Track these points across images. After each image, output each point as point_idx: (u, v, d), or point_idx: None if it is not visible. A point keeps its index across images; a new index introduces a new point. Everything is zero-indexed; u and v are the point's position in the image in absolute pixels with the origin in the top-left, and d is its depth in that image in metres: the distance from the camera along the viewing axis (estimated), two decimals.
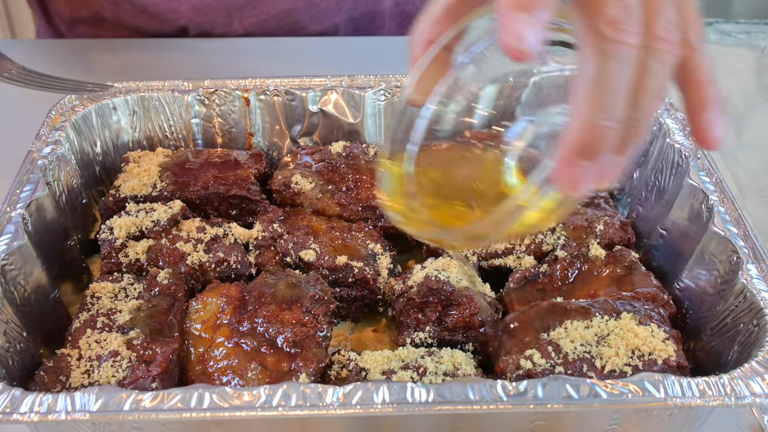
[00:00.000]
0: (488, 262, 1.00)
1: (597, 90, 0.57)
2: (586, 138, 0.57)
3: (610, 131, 0.57)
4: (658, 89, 0.59)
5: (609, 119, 0.56)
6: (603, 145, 0.57)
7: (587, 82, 0.57)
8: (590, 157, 0.57)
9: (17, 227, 0.88)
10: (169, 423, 0.72)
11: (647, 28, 0.58)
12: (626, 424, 0.76)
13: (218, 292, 0.90)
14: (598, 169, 0.58)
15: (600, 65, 0.56)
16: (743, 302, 0.82)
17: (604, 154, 0.57)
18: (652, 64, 0.58)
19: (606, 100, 0.57)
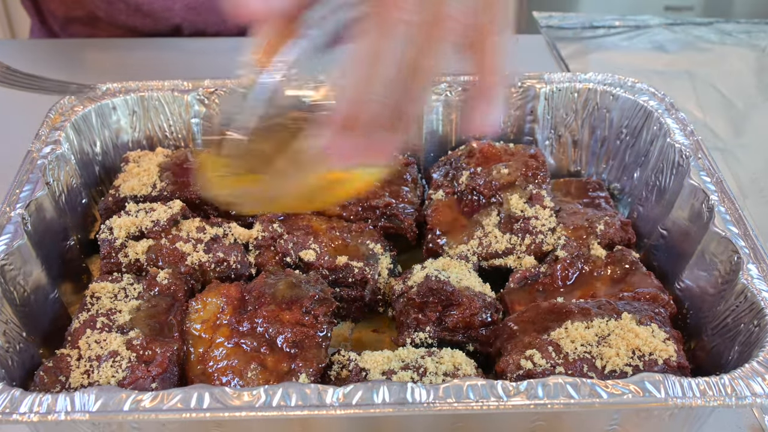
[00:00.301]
0: (488, 262, 1.00)
1: (366, 64, 0.57)
2: (352, 111, 0.57)
3: (376, 105, 0.57)
4: (432, 69, 0.60)
5: (376, 94, 0.57)
6: (369, 118, 0.57)
7: (358, 55, 0.57)
8: (357, 130, 0.58)
9: (17, 227, 0.88)
10: (169, 423, 0.72)
11: (435, 6, 0.58)
12: (627, 425, 0.76)
13: (218, 292, 0.90)
14: (369, 144, 0.59)
15: (373, 40, 0.57)
16: (744, 302, 0.82)
17: (374, 128, 0.58)
18: (429, 45, 0.58)
19: (374, 74, 0.57)
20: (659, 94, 1.12)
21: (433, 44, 0.59)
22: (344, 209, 1.06)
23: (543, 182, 1.06)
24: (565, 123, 1.17)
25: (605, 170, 1.17)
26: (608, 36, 1.67)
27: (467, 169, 1.08)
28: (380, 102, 0.58)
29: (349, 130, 0.59)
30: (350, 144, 0.59)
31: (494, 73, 0.65)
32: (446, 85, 1.15)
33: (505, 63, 0.65)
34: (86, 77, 1.15)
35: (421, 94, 0.61)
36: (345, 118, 0.58)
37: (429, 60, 0.59)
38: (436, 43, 0.59)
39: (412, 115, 0.61)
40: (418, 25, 0.57)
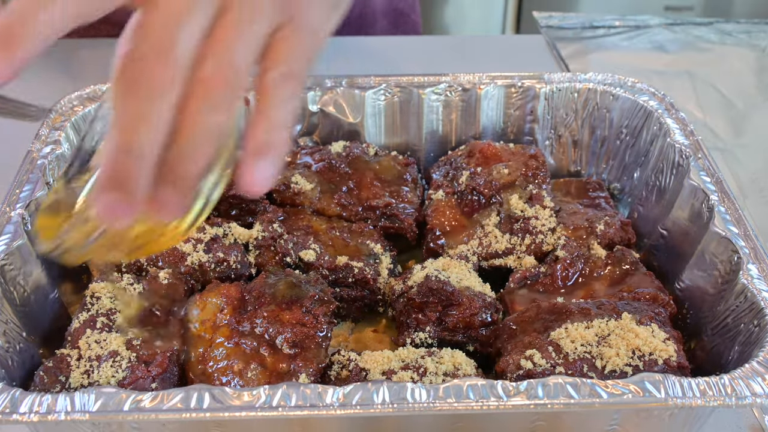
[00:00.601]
0: (488, 262, 1.00)
1: (119, 127, 0.56)
2: (110, 172, 0.57)
3: (133, 168, 0.56)
4: (208, 128, 0.58)
5: (131, 157, 0.56)
6: (130, 181, 0.57)
7: (114, 118, 0.56)
8: (121, 190, 0.57)
9: (17, 227, 0.88)
10: (169, 423, 0.72)
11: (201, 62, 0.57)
12: (627, 425, 0.76)
13: (218, 292, 0.90)
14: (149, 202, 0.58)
15: (121, 101, 0.56)
16: (744, 302, 0.82)
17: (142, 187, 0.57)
18: (196, 103, 0.57)
19: (128, 138, 0.56)
20: (659, 94, 1.12)
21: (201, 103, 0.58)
22: (344, 209, 1.06)
23: (543, 182, 1.06)
24: (565, 123, 1.17)
25: (605, 170, 1.17)
26: (608, 36, 1.67)
27: (467, 169, 1.08)
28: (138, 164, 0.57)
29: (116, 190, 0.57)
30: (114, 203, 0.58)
31: (276, 126, 0.62)
32: (446, 85, 1.15)
33: (291, 117, 0.63)
34: (83, 77, 1.15)
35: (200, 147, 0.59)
36: (106, 179, 0.58)
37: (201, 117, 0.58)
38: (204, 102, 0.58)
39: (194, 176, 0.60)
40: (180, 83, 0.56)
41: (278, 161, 0.62)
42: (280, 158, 0.62)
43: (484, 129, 1.18)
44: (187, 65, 0.57)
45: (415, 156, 1.18)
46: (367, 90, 1.14)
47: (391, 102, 1.16)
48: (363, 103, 1.15)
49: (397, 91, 1.15)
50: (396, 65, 1.49)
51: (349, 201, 1.06)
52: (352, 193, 1.07)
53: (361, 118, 1.16)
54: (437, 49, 1.64)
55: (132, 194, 0.58)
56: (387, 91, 1.15)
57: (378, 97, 1.15)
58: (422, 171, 1.18)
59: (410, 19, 1.68)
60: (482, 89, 1.15)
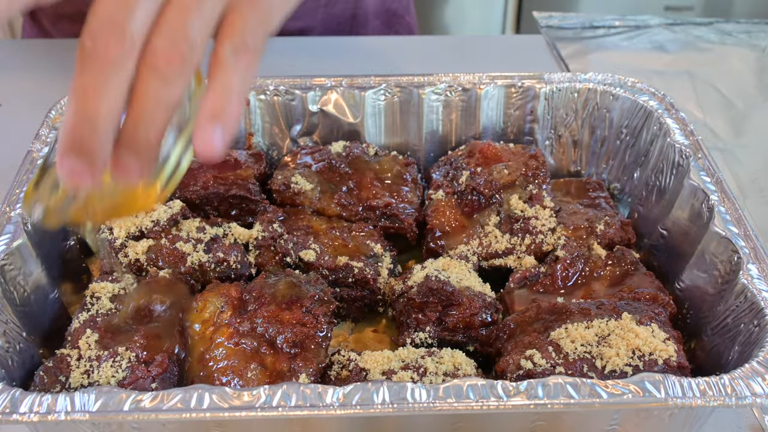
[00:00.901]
0: (488, 262, 1.00)
1: (76, 97, 0.62)
2: (67, 139, 0.62)
3: (89, 135, 0.62)
4: (160, 100, 0.63)
5: (87, 124, 0.61)
6: (87, 147, 0.62)
7: (71, 89, 0.62)
8: (81, 156, 0.63)
9: (16, 227, 0.88)
10: (169, 423, 0.72)
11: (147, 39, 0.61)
12: (627, 425, 0.76)
13: (218, 292, 0.90)
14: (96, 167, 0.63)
15: (77, 74, 0.61)
16: (744, 302, 0.82)
17: (100, 153, 0.63)
18: (148, 76, 0.62)
19: (83, 106, 0.61)
20: (659, 94, 1.12)
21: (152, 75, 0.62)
22: (344, 209, 1.06)
23: (543, 182, 1.06)
24: (565, 123, 1.17)
25: (605, 170, 1.17)
26: (608, 36, 1.67)
27: (467, 169, 1.08)
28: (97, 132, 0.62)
29: (75, 155, 0.63)
30: (73, 166, 0.63)
31: (225, 91, 0.65)
32: (446, 85, 1.15)
33: (244, 87, 0.66)
34: None
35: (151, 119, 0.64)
36: (65, 145, 0.63)
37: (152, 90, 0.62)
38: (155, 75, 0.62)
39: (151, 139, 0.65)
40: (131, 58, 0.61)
41: (230, 128, 0.65)
42: (232, 126, 0.66)
43: (484, 129, 1.18)
44: (141, 40, 0.61)
45: (415, 156, 1.18)
46: (367, 90, 1.14)
47: (391, 102, 1.16)
48: (363, 103, 1.15)
49: (397, 91, 1.15)
50: (396, 65, 1.49)
51: (349, 201, 1.06)
52: (352, 193, 1.07)
53: (361, 118, 1.16)
54: (437, 49, 1.65)
55: (91, 159, 0.63)
56: (387, 91, 1.15)
57: (378, 97, 1.15)
58: (422, 171, 1.18)
59: (404, 21, 1.68)
60: (482, 89, 1.15)
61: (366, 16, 1.63)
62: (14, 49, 1.60)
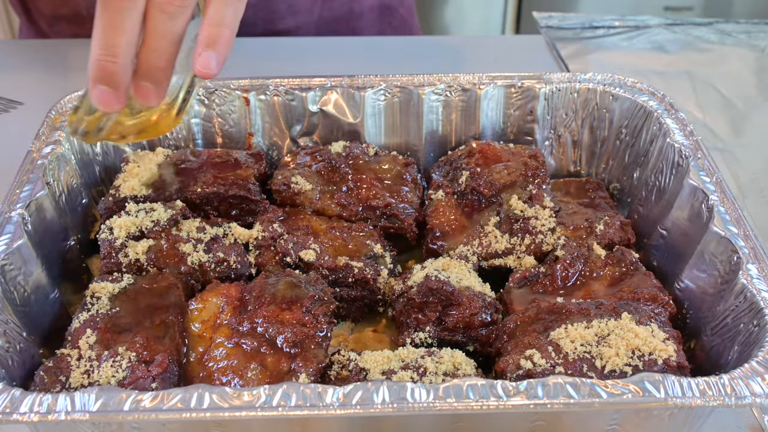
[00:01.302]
0: (488, 262, 1.00)
1: (99, 34, 0.78)
2: (96, 70, 0.79)
3: (112, 65, 0.78)
4: (167, 33, 0.80)
5: (110, 56, 0.78)
6: (112, 76, 0.78)
7: (95, 28, 0.79)
8: (108, 84, 0.79)
9: (17, 227, 0.88)
10: (169, 423, 0.72)
11: None
12: (626, 424, 0.76)
13: (218, 292, 0.90)
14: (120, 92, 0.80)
15: (98, 15, 0.78)
16: (743, 302, 0.82)
17: (123, 79, 0.79)
18: (155, 14, 0.79)
19: (106, 41, 0.78)
20: (659, 94, 1.12)
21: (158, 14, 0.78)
22: (344, 209, 1.06)
23: (543, 182, 1.06)
24: (565, 123, 1.17)
25: (605, 170, 1.17)
26: (608, 36, 1.67)
27: (467, 169, 1.09)
28: (114, 62, 0.78)
29: (103, 84, 0.79)
30: (103, 93, 0.79)
31: (218, 23, 0.81)
32: (446, 85, 1.15)
33: (233, 18, 0.82)
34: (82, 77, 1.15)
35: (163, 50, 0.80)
36: (93, 75, 0.79)
37: (160, 25, 0.79)
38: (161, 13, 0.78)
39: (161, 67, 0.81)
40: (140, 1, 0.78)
41: (222, 54, 0.82)
42: (224, 52, 0.82)
43: (484, 129, 1.18)
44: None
45: (415, 156, 1.18)
46: (367, 90, 1.15)
47: (391, 102, 1.16)
48: (363, 103, 1.15)
49: (397, 91, 1.15)
50: (396, 65, 1.49)
51: (349, 201, 1.06)
52: (352, 193, 1.07)
53: (361, 118, 1.16)
54: (437, 49, 1.65)
55: (116, 85, 0.79)
56: (387, 91, 1.15)
57: (378, 97, 1.15)
58: (422, 171, 1.18)
59: (398, 14, 1.68)
60: (482, 89, 1.15)
61: (361, 10, 1.63)
62: (14, 49, 1.60)
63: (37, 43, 1.60)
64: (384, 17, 1.67)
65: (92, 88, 0.80)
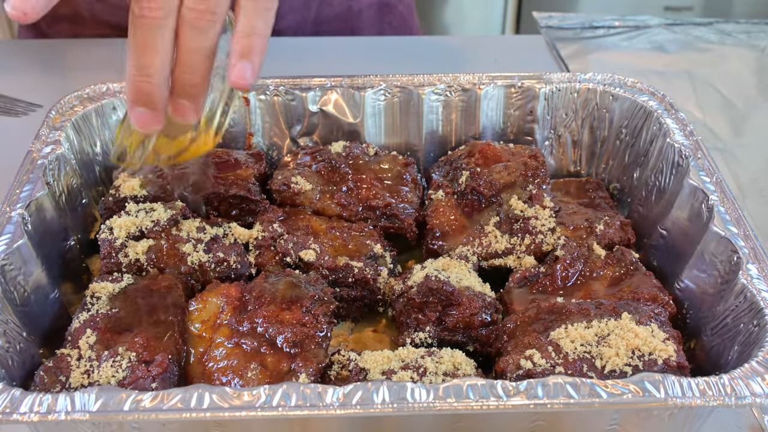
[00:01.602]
0: (488, 262, 1.00)
1: (133, 55, 0.78)
2: (132, 91, 0.79)
3: (148, 86, 0.78)
4: (199, 48, 0.79)
5: (145, 77, 0.78)
6: (149, 96, 0.79)
7: (129, 49, 0.78)
8: (145, 105, 0.79)
9: (17, 227, 0.88)
10: (169, 423, 0.72)
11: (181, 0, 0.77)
12: (626, 424, 0.76)
13: (218, 292, 0.90)
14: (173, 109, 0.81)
15: (131, 36, 0.78)
16: (743, 302, 0.82)
17: (160, 99, 0.79)
18: (186, 30, 0.78)
19: (140, 62, 0.78)
20: (659, 94, 1.12)
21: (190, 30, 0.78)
22: (344, 209, 1.06)
23: (543, 182, 1.06)
24: (565, 123, 1.17)
25: (605, 170, 1.17)
26: (608, 36, 1.67)
27: (467, 169, 1.09)
28: (150, 83, 0.78)
29: (141, 105, 0.79)
30: (141, 114, 0.80)
31: (250, 33, 0.81)
32: (446, 85, 1.15)
33: (266, 27, 0.82)
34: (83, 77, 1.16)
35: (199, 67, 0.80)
36: (131, 97, 0.79)
37: (193, 42, 0.78)
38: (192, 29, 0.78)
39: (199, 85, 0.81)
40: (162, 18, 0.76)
41: (257, 64, 0.81)
42: (259, 62, 0.81)
43: (484, 129, 1.18)
44: (176, 2, 0.77)
45: (415, 156, 1.18)
46: (367, 90, 1.15)
47: (391, 102, 1.16)
48: (363, 103, 1.15)
49: (397, 91, 1.15)
50: (396, 65, 1.49)
51: (349, 201, 1.06)
52: (352, 193, 1.07)
53: (361, 118, 1.16)
54: (437, 49, 1.65)
55: (154, 105, 0.79)
56: (387, 91, 1.15)
57: (378, 97, 1.15)
58: (422, 171, 1.18)
59: (397, 11, 1.68)
60: (482, 89, 1.15)
61: (360, 7, 1.63)
62: (14, 49, 1.60)
63: (36, 43, 1.60)
64: (383, 15, 1.67)
65: (130, 110, 0.80)
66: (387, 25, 1.68)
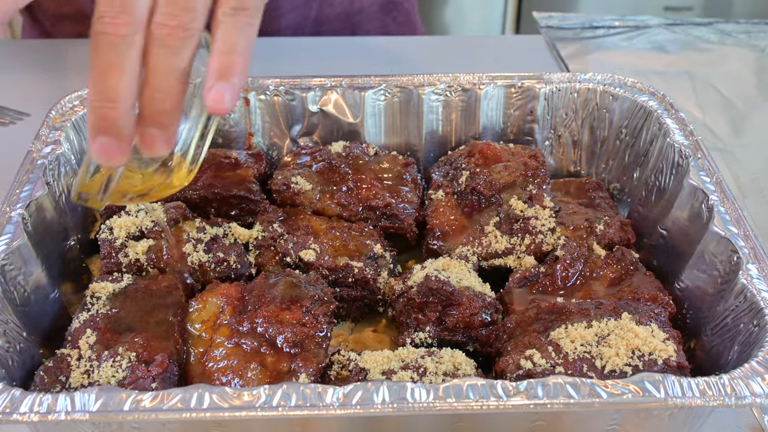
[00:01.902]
0: (488, 262, 1.00)
1: (95, 78, 0.67)
2: (94, 119, 0.68)
3: (112, 112, 0.67)
4: (171, 69, 0.68)
5: (108, 101, 0.67)
6: (113, 123, 0.67)
7: (90, 71, 0.67)
8: (109, 134, 0.68)
9: (17, 227, 0.88)
10: (169, 423, 0.72)
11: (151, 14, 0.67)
12: (626, 424, 0.76)
13: (218, 292, 0.90)
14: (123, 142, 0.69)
15: (92, 56, 0.67)
16: (743, 302, 0.82)
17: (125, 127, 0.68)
18: (155, 49, 0.68)
19: (103, 85, 0.67)
20: (659, 94, 1.12)
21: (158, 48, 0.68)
22: (344, 209, 1.06)
23: (543, 182, 1.06)
24: (565, 123, 1.17)
25: (605, 170, 1.17)
26: (608, 36, 1.67)
27: (467, 169, 1.09)
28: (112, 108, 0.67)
29: (103, 134, 0.68)
30: (102, 145, 0.68)
31: (229, 51, 0.70)
32: (446, 85, 1.15)
33: (246, 45, 0.71)
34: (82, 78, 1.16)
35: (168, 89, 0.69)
36: (92, 125, 0.68)
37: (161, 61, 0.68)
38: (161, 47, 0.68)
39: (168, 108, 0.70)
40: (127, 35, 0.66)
41: (237, 85, 0.70)
42: (239, 82, 0.70)
43: (484, 129, 1.18)
44: (145, 14, 0.67)
45: (415, 156, 1.18)
46: (367, 90, 1.14)
47: (391, 102, 1.16)
48: (363, 103, 1.15)
49: (397, 91, 1.15)
50: (396, 65, 1.49)
51: (349, 201, 1.06)
52: (352, 193, 1.07)
53: (361, 118, 1.16)
54: (437, 49, 1.65)
55: (118, 134, 0.68)
56: (387, 91, 1.15)
57: (378, 97, 1.15)
58: (422, 171, 1.18)
59: (403, 8, 1.68)
60: (482, 89, 1.15)
61: (362, 5, 1.62)
62: (14, 49, 1.60)
63: (36, 43, 1.60)
64: (388, 12, 1.67)
65: (92, 140, 0.69)
66: (392, 21, 1.68)
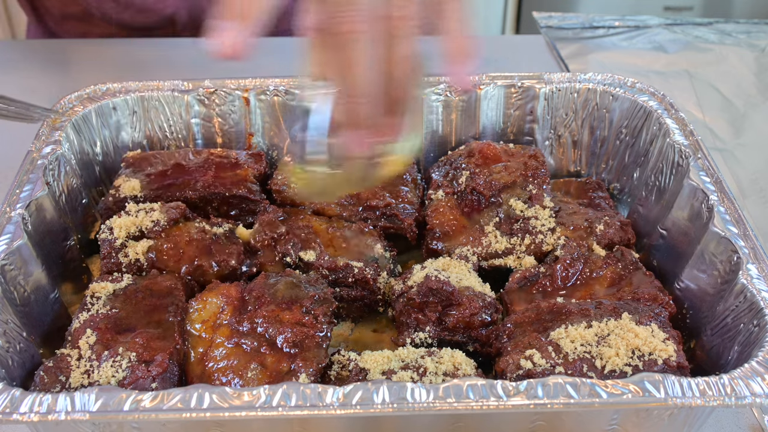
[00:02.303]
0: (488, 262, 1.00)
1: (338, 75, 0.68)
2: (343, 114, 0.70)
3: (360, 106, 0.69)
4: (407, 55, 0.70)
5: (356, 97, 0.68)
6: (360, 116, 0.69)
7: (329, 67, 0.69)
8: (355, 126, 0.70)
9: (17, 227, 0.88)
10: (169, 423, 0.72)
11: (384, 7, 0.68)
12: (626, 424, 0.76)
13: (218, 292, 0.90)
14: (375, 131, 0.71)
15: (332, 50, 0.68)
16: (743, 302, 0.82)
17: (373, 119, 0.70)
18: (392, 39, 0.69)
19: (352, 81, 0.68)
20: (659, 94, 1.12)
21: (397, 38, 0.69)
22: (344, 209, 1.06)
23: (543, 182, 1.06)
24: (565, 123, 1.17)
25: (605, 170, 1.17)
26: (608, 36, 1.67)
27: (467, 169, 1.08)
28: (368, 100, 0.68)
29: (354, 128, 0.70)
30: (354, 138, 0.70)
31: (462, 34, 0.74)
32: (446, 85, 1.15)
33: (469, 22, 0.74)
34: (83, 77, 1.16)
35: (408, 76, 0.71)
36: (344, 120, 0.70)
37: (401, 50, 0.70)
38: (398, 37, 0.69)
39: (406, 98, 0.72)
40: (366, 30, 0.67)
41: (474, 62, 0.74)
42: (475, 60, 0.74)
43: (484, 129, 1.18)
44: (371, 8, 0.67)
45: (415, 156, 1.18)
46: None
47: None
48: None
49: None
50: None
51: (349, 201, 1.06)
52: (351, 193, 1.07)
53: None
54: (437, 49, 1.64)
55: (365, 127, 0.70)
56: None
57: None
58: (422, 171, 1.18)
59: None
60: (482, 89, 1.15)
61: None
62: (16, 49, 1.60)
63: (36, 43, 1.60)
64: None
65: (343, 135, 0.71)
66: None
